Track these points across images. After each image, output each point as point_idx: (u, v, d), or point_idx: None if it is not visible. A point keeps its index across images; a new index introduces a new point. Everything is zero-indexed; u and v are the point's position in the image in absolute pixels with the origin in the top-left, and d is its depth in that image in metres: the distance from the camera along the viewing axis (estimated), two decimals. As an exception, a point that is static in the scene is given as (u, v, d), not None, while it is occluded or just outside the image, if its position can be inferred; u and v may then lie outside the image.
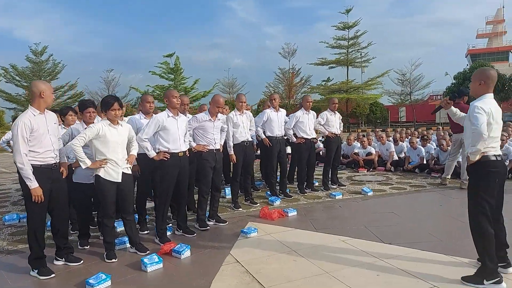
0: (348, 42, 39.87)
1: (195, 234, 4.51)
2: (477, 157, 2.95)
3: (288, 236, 4.39)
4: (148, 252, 3.83)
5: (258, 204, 5.91)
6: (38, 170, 3.25)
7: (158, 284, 3.31)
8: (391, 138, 10.66)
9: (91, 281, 3.09)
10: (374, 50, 70.92)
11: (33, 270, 3.41)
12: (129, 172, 3.79)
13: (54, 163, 3.40)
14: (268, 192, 6.44)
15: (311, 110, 6.71)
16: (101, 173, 3.59)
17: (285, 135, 6.50)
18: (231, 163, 5.77)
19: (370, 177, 8.29)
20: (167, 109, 4.31)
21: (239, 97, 5.77)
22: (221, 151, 4.96)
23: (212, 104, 4.79)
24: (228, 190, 6.32)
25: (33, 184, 3.20)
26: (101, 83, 39.51)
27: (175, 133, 4.24)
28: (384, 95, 42.25)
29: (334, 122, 6.95)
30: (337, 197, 6.27)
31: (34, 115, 3.28)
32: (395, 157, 9.32)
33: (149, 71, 38.70)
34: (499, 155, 3.04)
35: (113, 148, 3.64)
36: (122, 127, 3.78)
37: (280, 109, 6.51)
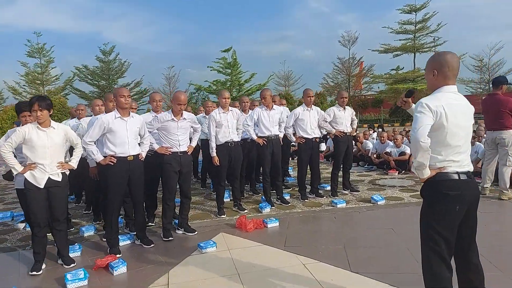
0: (416, 26, 36.56)
1: (153, 245, 4.16)
2: (426, 174, 2.14)
3: (248, 254, 3.83)
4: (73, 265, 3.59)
5: (246, 211, 5.39)
6: None
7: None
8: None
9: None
10: (449, 35, 64.44)
11: None
12: (59, 179, 3.52)
13: None
14: (263, 197, 5.87)
15: (314, 105, 5.96)
16: (27, 175, 3.39)
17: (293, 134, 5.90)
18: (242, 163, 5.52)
19: (397, 181, 7.22)
20: (115, 109, 3.99)
21: (222, 93, 5.24)
22: (189, 153, 4.52)
23: (173, 102, 4.37)
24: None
25: None
26: (163, 79, 41.32)
27: (123, 135, 3.90)
28: (459, 83, 38.16)
29: (343, 119, 6.10)
30: (338, 206, 5.47)
31: None
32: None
33: (208, 66, 39.65)
34: (464, 173, 2.17)
35: (41, 152, 3.41)
36: (55, 129, 3.52)
37: (276, 106, 5.87)
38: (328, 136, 11.68)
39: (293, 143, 6.25)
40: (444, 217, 2.13)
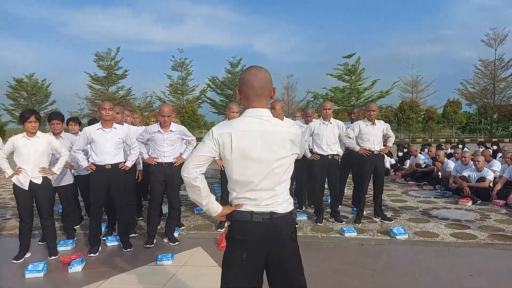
0: None
1: (131, 249, 4.44)
2: (214, 212, 1.83)
3: (195, 273, 3.72)
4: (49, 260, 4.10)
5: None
6: None
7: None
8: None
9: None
10: None
11: None
12: (39, 182, 4.09)
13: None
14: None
15: (334, 119, 5.35)
16: (14, 179, 4.06)
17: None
18: None
19: (460, 214, 5.82)
20: (100, 121, 4.43)
21: (230, 107, 5.19)
22: (176, 164, 4.63)
23: (159, 115, 4.58)
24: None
25: None
26: (283, 89, 42.53)
27: (102, 145, 4.30)
28: None
29: (370, 135, 5.28)
30: (346, 235, 4.77)
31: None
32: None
33: (327, 74, 39.16)
34: (260, 213, 1.71)
35: (25, 158, 4.03)
36: (40, 138, 4.10)
37: (287, 119, 5.48)
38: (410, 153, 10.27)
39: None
40: (228, 266, 1.74)
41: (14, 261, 4.06)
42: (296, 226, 1.90)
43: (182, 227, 5.35)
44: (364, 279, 3.48)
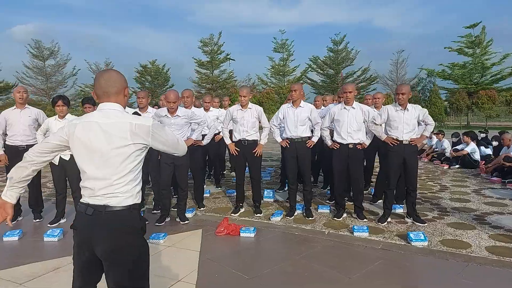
0: None
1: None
2: None
3: (175, 255, 3.82)
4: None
5: (260, 215, 5.11)
6: None
7: None
8: None
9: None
10: None
11: None
12: (67, 158, 4.58)
13: None
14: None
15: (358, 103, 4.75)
16: None
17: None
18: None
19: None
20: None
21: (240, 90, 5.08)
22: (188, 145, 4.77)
23: (165, 100, 4.73)
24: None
25: None
26: (391, 65, 39.06)
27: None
28: None
29: (400, 122, 4.53)
30: (355, 234, 4.27)
31: None
32: None
33: (444, 47, 34.61)
34: (95, 206, 1.77)
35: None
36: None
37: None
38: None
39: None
40: (73, 256, 1.86)
41: (49, 225, 4.78)
42: (138, 222, 1.82)
43: (203, 208, 5.53)
44: (329, 286, 3.10)
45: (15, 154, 4.56)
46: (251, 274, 3.32)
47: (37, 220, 5.03)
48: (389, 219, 4.71)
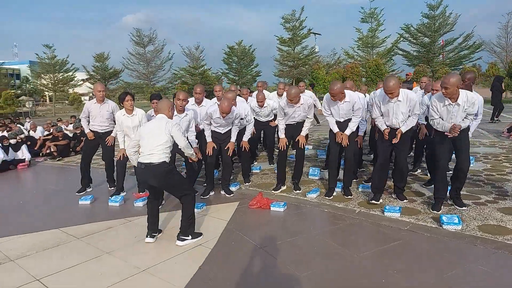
0: None
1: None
2: None
3: (198, 222, 4.27)
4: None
5: (299, 191, 5.25)
6: None
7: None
8: None
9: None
10: None
11: None
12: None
13: None
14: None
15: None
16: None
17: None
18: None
19: None
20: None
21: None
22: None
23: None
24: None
25: None
26: (500, 29, 33.60)
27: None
28: None
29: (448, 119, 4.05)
30: (386, 214, 4.16)
31: None
32: None
33: None
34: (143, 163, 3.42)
35: (126, 131, 5.23)
36: (136, 115, 5.19)
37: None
38: None
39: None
40: None
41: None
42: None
43: (247, 184, 5.87)
44: (329, 262, 3.17)
45: (96, 136, 5.73)
46: (262, 244, 3.56)
47: (112, 188, 5.95)
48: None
